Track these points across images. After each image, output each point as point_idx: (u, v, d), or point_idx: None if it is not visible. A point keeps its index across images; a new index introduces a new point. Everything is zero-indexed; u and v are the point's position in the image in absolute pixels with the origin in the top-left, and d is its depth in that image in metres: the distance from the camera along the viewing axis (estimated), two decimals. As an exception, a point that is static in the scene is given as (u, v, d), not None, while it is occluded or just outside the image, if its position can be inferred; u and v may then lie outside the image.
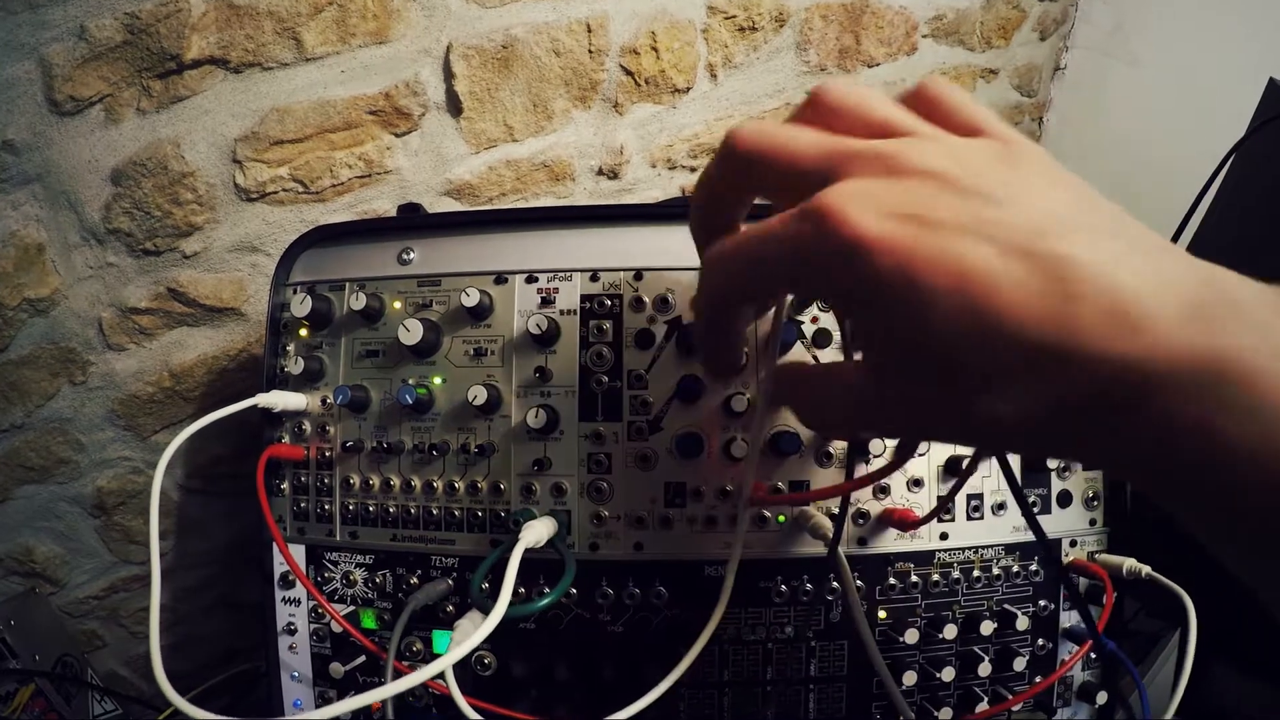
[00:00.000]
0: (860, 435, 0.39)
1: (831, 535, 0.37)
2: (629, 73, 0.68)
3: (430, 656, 0.42)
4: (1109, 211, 0.20)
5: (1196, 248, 0.61)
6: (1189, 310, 0.17)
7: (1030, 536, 0.43)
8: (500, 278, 0.43)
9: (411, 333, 0.41)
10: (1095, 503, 0.44)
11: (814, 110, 0.24)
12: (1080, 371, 0.18)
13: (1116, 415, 0.18)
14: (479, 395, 0.40)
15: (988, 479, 0.42)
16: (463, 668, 0.41)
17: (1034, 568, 0.43)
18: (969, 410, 0.20)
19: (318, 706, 0.45)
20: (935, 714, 0.42)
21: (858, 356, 0.27)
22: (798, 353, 0.40)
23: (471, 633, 0.31)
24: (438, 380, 0.43)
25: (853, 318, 0.24)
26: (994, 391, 0.19)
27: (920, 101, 0.24)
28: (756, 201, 0.26)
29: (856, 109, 0.24)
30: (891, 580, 0.41)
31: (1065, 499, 0.43)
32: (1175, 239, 0.57)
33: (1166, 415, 0.17)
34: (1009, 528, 0.42)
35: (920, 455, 0.42)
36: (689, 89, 0.72)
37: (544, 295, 0.42)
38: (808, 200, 0.21)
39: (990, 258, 0.18)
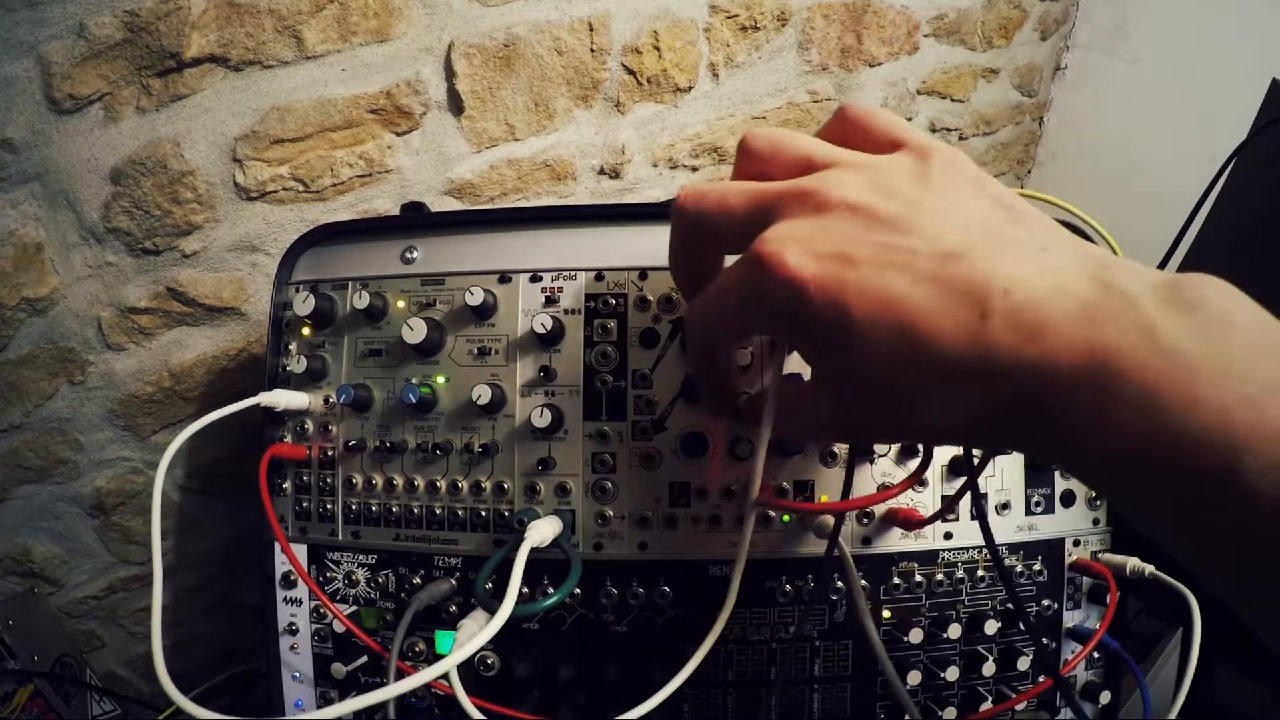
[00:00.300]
0: (816, 444, 0.41)
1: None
2: (631, 72, 0.68)
3: (433, 657, 0.42)
4: (1016, 214, 0.22)
5: (1199, 250, 0.61)
6: (1082, 310, 0.18)
7: (1034, 536, 0.43)
8: (504, 277, 0.43)
9: (415, 331, 0.40)
10: (1098, 502, 0.44)
11: (745, 161, 0.26)
12: (997, 380, 0.19)
13: (1035, 414, 0.19)
14: (483, 394, 0.40)
15: (992, 479, 0.42)
16: (466, 668, 0.41)
17: (1038, 567, 0.43)
18: (912, 424, 0.22)
19: (319, 707, 0.44)
20: (939, 713, 0.42)
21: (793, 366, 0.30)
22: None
23: (476, 633, 0.31)
24: (441, 379, 0.43)
25: (798, 349, 0.26)
26: (930, 406, 0.21)
27: (842, 125, 0.26)
28: None
29: (776, 151, 0.25)
30: (896, 580, 0.41)
31: (1069, 498, 0.43)
32: (1178, 241, 0.57)
33: (1069, 410, 0.18)
34: (1013, 527, 0.42)
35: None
36: (691, 88, 0.72)
37: (548, 294, 0.42)
38: (748, 248, 0.23)
39: (909, 288, 0.20)
